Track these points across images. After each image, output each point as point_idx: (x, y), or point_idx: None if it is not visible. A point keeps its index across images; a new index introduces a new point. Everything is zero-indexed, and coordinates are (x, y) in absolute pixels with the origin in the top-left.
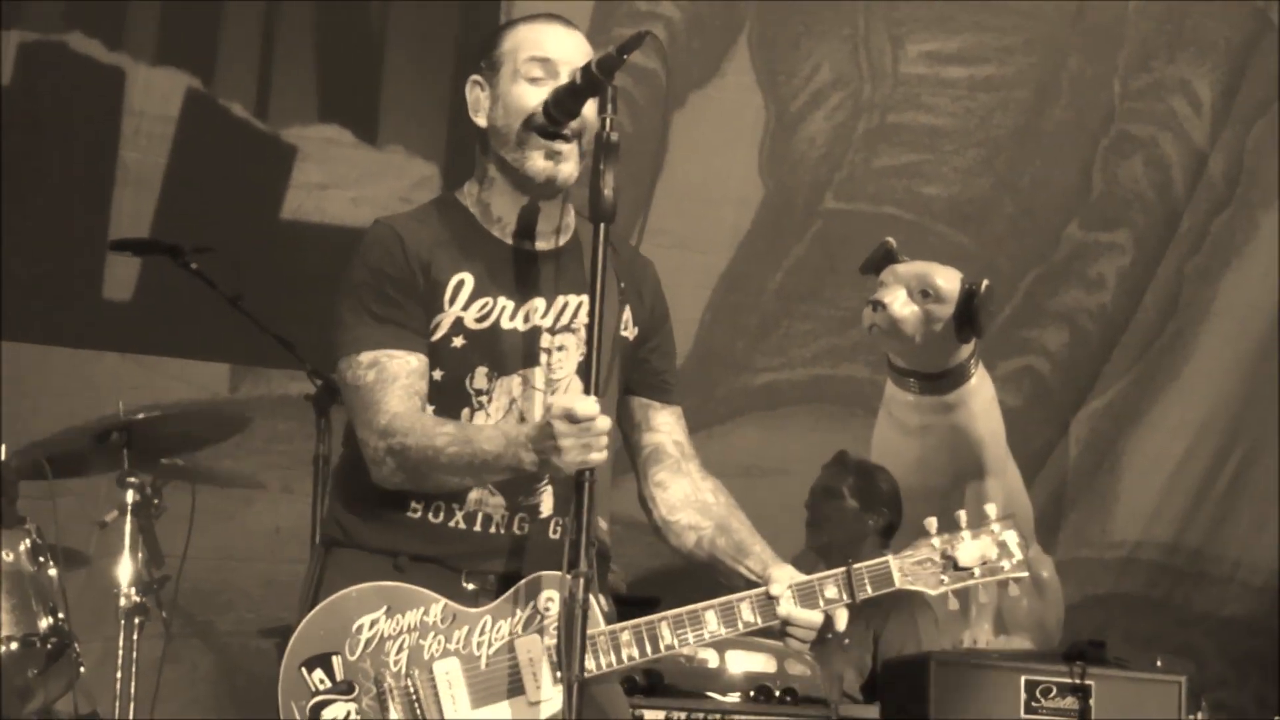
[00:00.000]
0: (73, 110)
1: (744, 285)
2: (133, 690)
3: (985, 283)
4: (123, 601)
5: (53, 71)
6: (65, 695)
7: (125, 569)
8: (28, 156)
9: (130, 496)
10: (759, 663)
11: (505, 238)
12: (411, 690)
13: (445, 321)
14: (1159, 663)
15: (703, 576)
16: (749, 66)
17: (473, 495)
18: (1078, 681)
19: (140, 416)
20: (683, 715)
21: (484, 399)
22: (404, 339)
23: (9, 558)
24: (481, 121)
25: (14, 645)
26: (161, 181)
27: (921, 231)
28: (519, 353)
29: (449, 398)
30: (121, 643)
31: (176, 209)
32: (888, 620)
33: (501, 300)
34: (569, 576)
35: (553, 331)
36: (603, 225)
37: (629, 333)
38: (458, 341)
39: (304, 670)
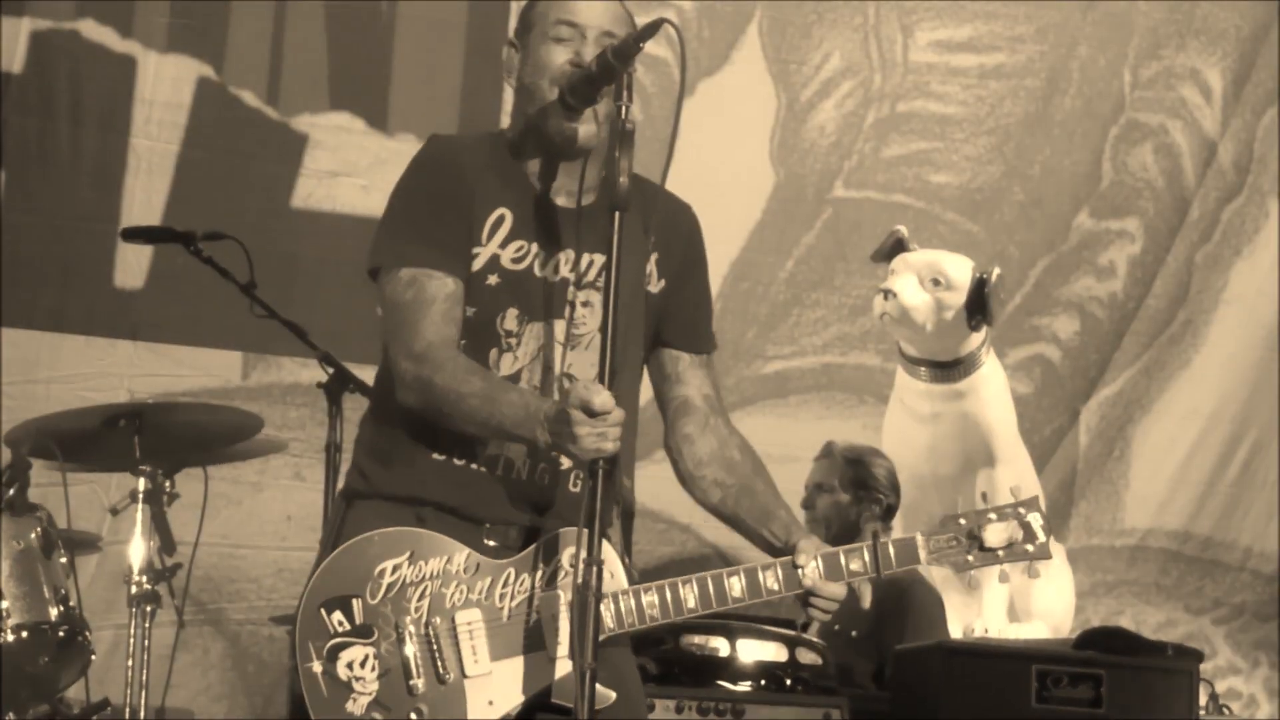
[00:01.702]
0: (84, 98)
1: (754, 273)
2: (144, 678)
3: (996, 271)
4: (134, 589)
5: (64, 59)
6: (76, 683)
7: (137, 556)
8: (39, 144)
9: (142, 484)
10: (770, 651)
11: (541, 188)
12: (431, 638)
13: (482, 256)
14: (1169, 651)
15: (714, 564)
16: (759, 55)
17: (493, 440)
18: (1089, 670)
19: (149, 401)
20: (694, 704)
21: (513, 341)
22: (444, 259)
23: (20, 545)
24: (513, 82)
25: (24, 633)
26: (173, 169)
27: (932, 220)
28: (547, 301)
29: (479, 336)
30: (132, 630)
31: (188, 197)
32: (894, 608)
33: (535, 246)
34: (582, 562)
35: (579, 286)
36: (618, 213)
37: (654, 286)
38: (492, 279)
39: (323, 611)
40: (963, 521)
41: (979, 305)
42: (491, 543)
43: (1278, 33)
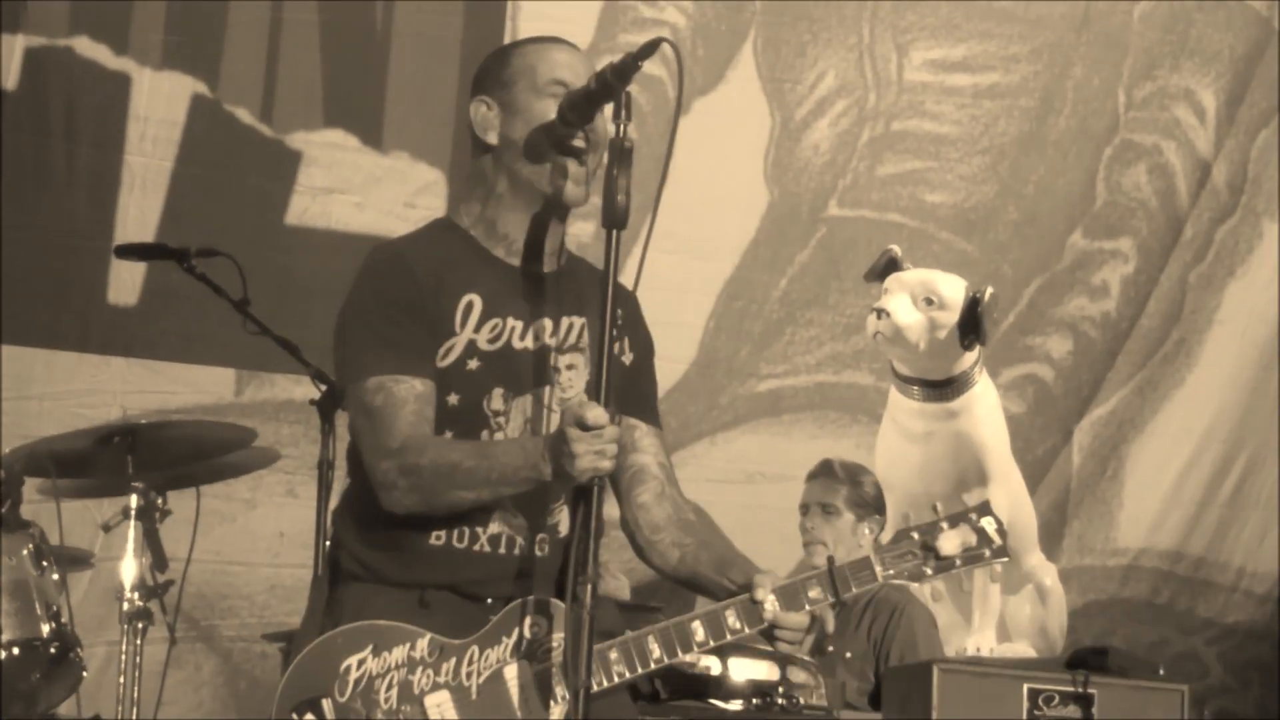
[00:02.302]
0: (79, 115)
1: (748, 292)
2: (136, 694)
3: (989, 290)
4: (126, 606)
5: (59, 76)
6: (68, 699)
7: (129, 573)
8: (33, 160)
9: (134, 500)
10: (762, 670)
11: (509, 258)
12: None
13: (458, 345)
14: (1161, 671)
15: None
16: (754, 74)
17: (495, 518)
18: (1080, 690)
19: (143, 421)
20: None
21: (501, 420)
22: (409, 364)
23: (12, 562)
24: (493, 139)
25: (16, 650)
26: (167, 186)
27: (925, 239)
28: (531, 372)
29: (466, 421)
30: (124, 647)
31: (182, 213)
32: (887, 629)
33: (511, 320)
34: (579, 579)
35: (561, 351)
36: (615, 231)
37: (625, 357)
38: (472, 364)
39: (295, 716)
40: (915, 534)
41: (972, 325)
42: (495, 618)
43: (1274, 53)
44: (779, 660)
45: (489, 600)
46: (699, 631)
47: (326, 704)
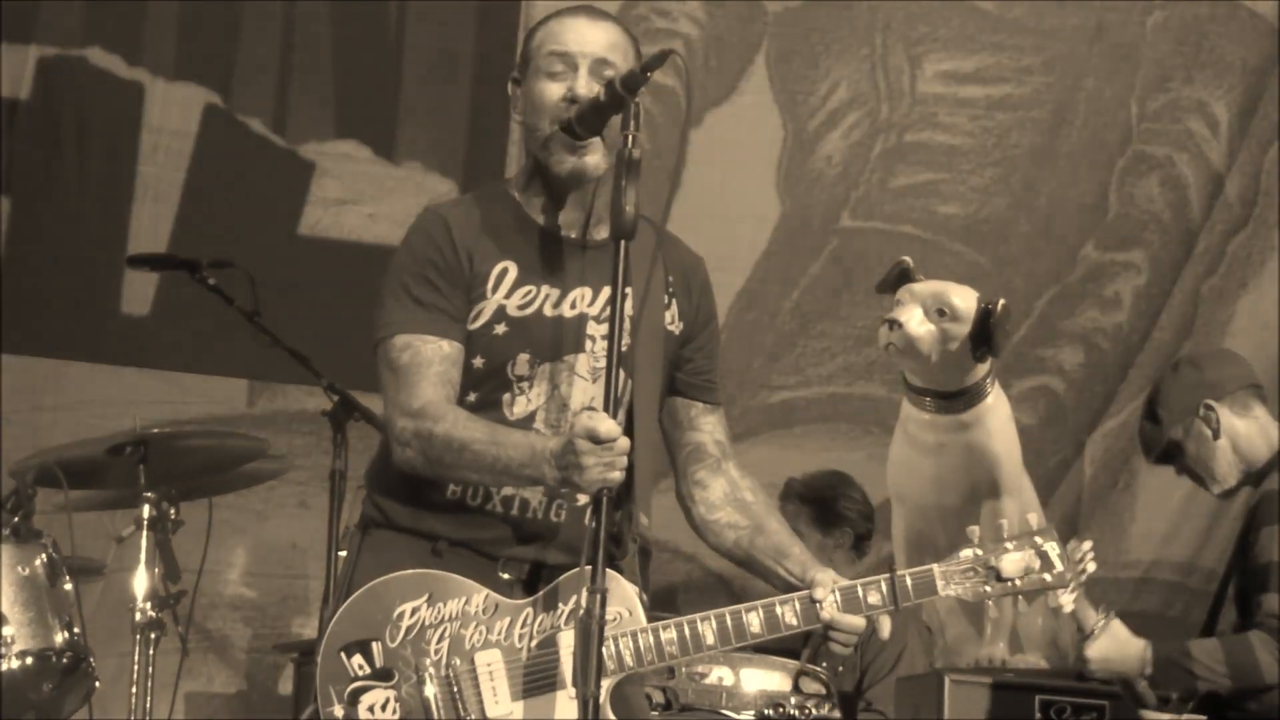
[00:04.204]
0: (91, 125)
1: (760, 303)
2: (148, 705)
3: (1001, 302)
4: (138, 616)
5: (72, 86)
6: (80, 710)
7: (141, 583)
8: (46, 171)
9: (146, 511)
10: (774, 681)
11: (550, 227)
12: (452, 679)
13: (487, 309)
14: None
15: (713, 597)
16: (766, 85)
17: None
18: (1092, 700)
19: (155, 432)
20: None
21: (525, 385)
22: (440, 325)
23: (25, 572)
24: (518, 118)
25: (29, 660)
26: (180, 197)
27: (938, 250)
28: (562, 340)
29: (490, 384)
30: (136, 657)
31: (194, 224)
32: (871, 640)
33: (545, 288)
34: (586, 592)
35: (599, 320)
36: (623, 243)
37: (674, 327)
38: (500, 329)
39: (343, 655)
40: (979, 552)
41: (984, 336)
42: (506, 576)
43: None
44: (791, 671)
45: (500, 559)
46: (755, 624)
47: (376, 647)
